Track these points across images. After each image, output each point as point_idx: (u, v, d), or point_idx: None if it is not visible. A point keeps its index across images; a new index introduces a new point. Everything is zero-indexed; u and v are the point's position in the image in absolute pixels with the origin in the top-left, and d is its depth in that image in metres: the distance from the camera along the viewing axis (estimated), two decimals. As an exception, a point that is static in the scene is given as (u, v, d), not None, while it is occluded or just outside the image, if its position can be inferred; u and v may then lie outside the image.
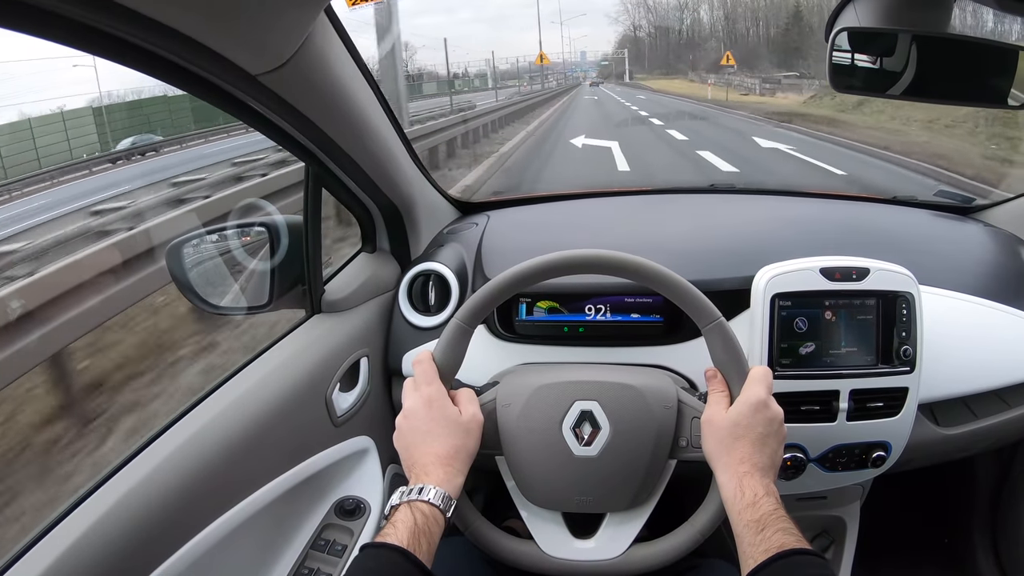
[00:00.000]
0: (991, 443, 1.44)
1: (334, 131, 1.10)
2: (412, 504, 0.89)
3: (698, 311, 1.02)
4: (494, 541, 1.03)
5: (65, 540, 0.82)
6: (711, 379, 1.03)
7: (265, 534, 1.12)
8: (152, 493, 0.91)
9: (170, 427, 1.01)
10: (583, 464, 1.01)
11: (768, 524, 0.86)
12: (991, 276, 1.42)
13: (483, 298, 1.05)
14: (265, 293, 1.27)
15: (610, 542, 1.04)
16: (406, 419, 1.00)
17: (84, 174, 13.31)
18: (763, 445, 0.94)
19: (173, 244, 1.26)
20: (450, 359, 1.03)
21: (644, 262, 1.03)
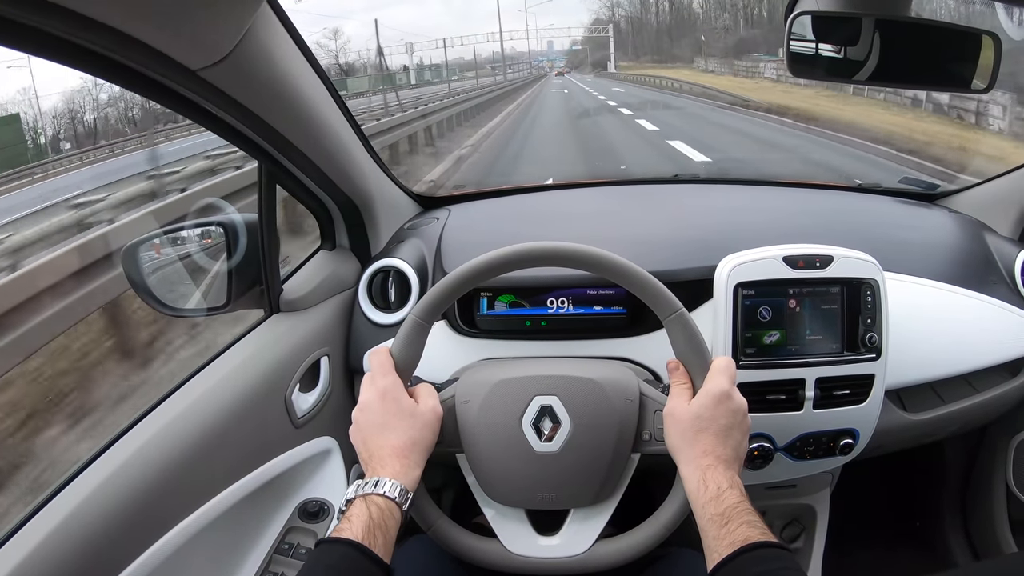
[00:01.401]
0: (959, 427, 1.45)
1: (283, 126, 1.08)
2: (367, 498, 0.87)
3: (659, 302, 1.01)
4: (457, 540, 1.02)
5: (18, 552, 0.80)
6: (673, 371, 1.02)
7: (228, 538, 1.11)
8: (110, 499, 0.89)
9: (126, 432, 0.99)
10: (544, 460, 0.99)
11: (732, 517, 0.85)
12: (956, 262, 1.42)
13: (440, 293, 1.03)
14: (223, 294, 1.25)
15: (575, 538, 1.02)
16: (361, 412, 0.98)
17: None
18: (726, 437, 0.93)
19: (129, 246, 1.23)
20: (408, 355, 1.01)
21: (603, 253, 1.02)
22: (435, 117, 14.22)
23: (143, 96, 0.89)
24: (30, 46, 0.70)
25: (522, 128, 16.18)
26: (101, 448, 0.96)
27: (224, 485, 1.06)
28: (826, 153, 9.71)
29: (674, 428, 0.96)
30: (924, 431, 1.36)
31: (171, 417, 1.02)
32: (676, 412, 0.96)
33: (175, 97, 0.92)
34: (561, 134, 14.52)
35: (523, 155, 12.07)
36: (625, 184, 1.87)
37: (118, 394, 3.99)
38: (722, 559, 0.82)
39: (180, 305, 1.28)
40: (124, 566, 0.88)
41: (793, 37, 1.05)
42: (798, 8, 1.05)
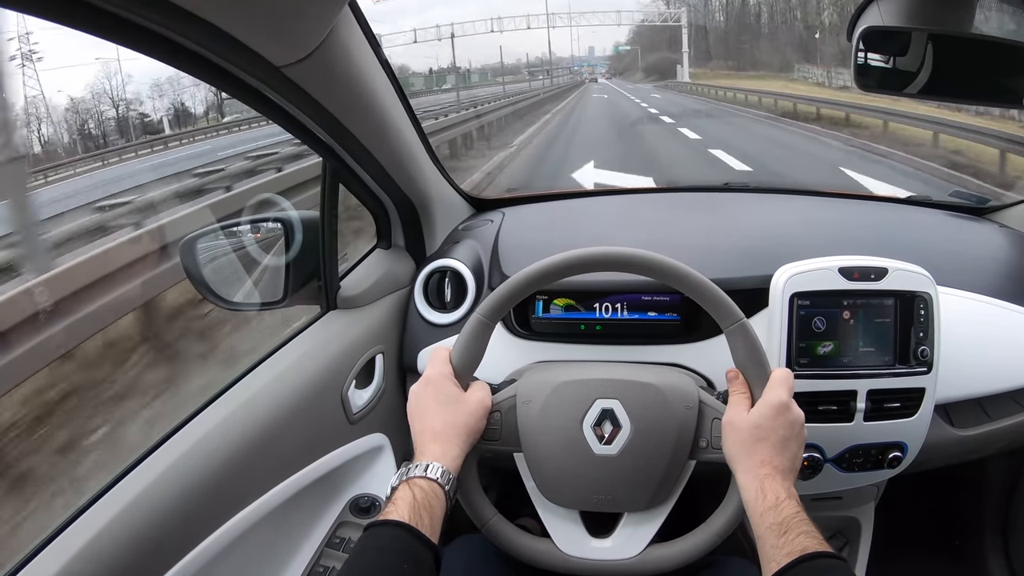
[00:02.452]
0: (1004, 444, 1.44)
1: (354, 125, 1.10)
2: (410, 481, 0.89)
3: (721, 311, 1.01)
4: (510, 539, 1.02)
5: (80, 539, 0.81)
6: (732, 380, 1.02)
7: (280, 532, 1.12)
8: (168, 491, 0.90)
9: (185, 424, 1.01)
10: (603, 463, 1.00)
11: (791, 527, 0.85)
12: (1006, 277, 1.41)
13: (505, 294, 1.04)
14: (280, 289, 1.26)
15: (627, 542, 1.03)
16: (410, 401, 1.01)
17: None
18: (784, 448, 0.94)
19: (187, 239, 1.25)
20: (469, 353, 1.03)
21: (666, 260, 1.02)
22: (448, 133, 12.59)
23: (221, 90, 0.91)
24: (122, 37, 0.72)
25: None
26: (158, 441, 0.98)
27: (279, 479, 1.08)
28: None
29: (733, 437, 0.97)
30: (970, 447, 1.35)
31: (228, 412, 1.04)
32: (735, 421, 0.97)
33: (253, 93, 0.94)
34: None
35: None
36: (676, 191, 1.87)
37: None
38: (780, 568, 0.82)
39: (235, 298, 1.29)
40: (180, 557, 0.89)
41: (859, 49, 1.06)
42: (861, 24, 1.06)
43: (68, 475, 3.11)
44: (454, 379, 1.00)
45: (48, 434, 3.38)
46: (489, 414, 1.01)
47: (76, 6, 0.65)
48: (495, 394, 1.05)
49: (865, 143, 11.47)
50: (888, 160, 9.91)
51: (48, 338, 3.45)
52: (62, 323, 3.56)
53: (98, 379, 3.87)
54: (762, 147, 11.78)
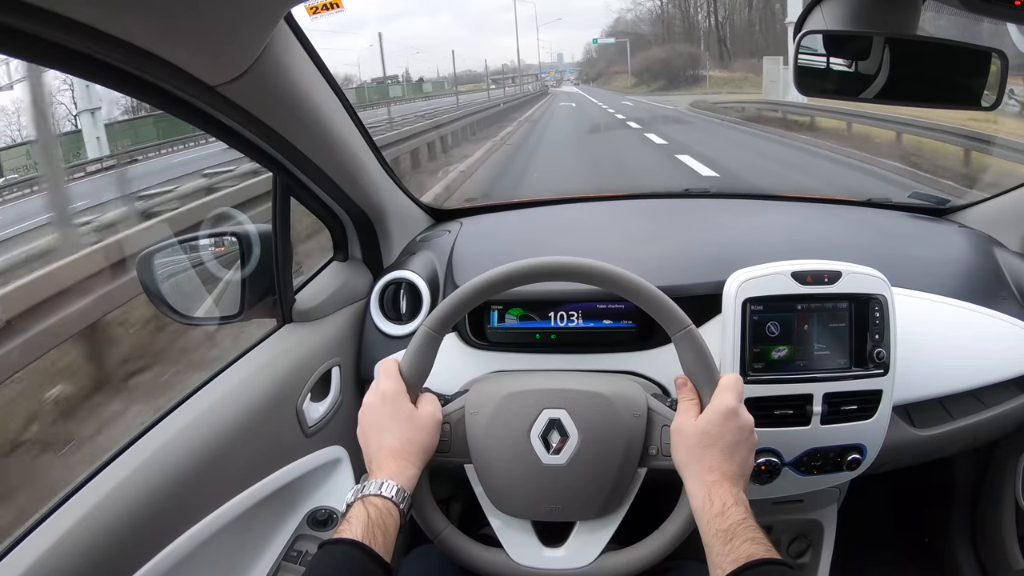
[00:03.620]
0: (968, 443, 1.45)
1: (298, 140, 1.09)
2: (365, 499, 0.89)
3: (668, 318, 1.02)
4: (463, 549, 1.02)
5: (27, 558, 0.81)
6: (681, 387, 1.02)
7: (237, 546, 1.12)
8: (120, 505, 0.90)
9: (137, 440, 1.00)
10: (552, 473, 1.00)
11: (737, 533, 0.86)
12: (966, 277, 1.42)
13: (451, 305, 1.05)
14: (236, 303, 1.26)
15: (580, 550, 1.03)
16: (363, 415, 1.01)
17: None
18: (732, 453, 0.94)
19: (144, 254, 1.25)
20: (417, 365, 1.03)
21: (612, 269, 1.03)
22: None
23: (159, 108, 0.91)
24: (54, 61, 0.72)
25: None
26: (113, 454, 0.97)
27: (234, 492, 1.07)
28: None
29: (681, 444, 0.97)
30: (933, 447, 1.36)
31: (183, 424, 1.04)
32: (683, 428, 0.97)
33: (193, 110, 0.93)
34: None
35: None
36: (636, 198, 1.87)
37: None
38: (726, 575, 0.82)
39: (193, 313, 1.29)
40: (133, 572, 0.89)
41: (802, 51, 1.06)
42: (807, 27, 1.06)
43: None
44: (407, 394, 1.01)
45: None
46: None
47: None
48: (445, 405, 1.05)
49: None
50: (852, 161, 10.08)
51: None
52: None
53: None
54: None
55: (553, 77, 52.61)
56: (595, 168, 11.62)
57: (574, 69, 56.82)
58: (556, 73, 53.76)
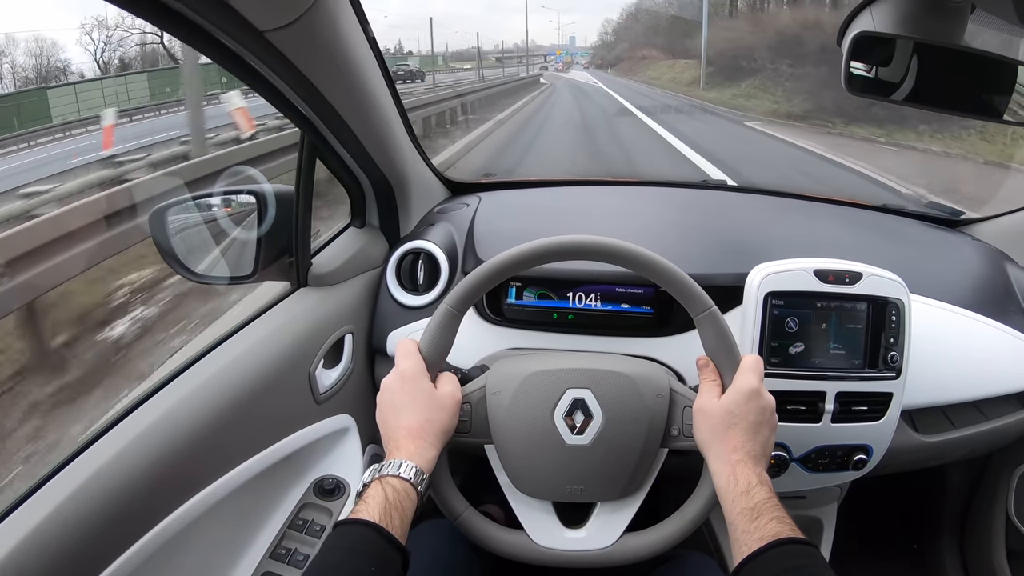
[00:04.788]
0: (965, 452, 1.47)
1: (335, 98, 1.07)
2: (383, 479, 0.88)
3: (691, 300, 1.02)
4: (483, 531, 1.01)
5: (33, 518, 0.78)
6: (703, 368, 1.03)
7: (242, 512, 1.09)
8: (128, 468, 0.87)
9: (148, 399, 0.97)
10: (575, 453, 0.99)
11: (762, 512, 0.86)
12: (976, 289, 1.43)
13: (474, 283, 1.03)
14: (250, 263, 1.23)
15: (601, 531, 1.03)
16: (382, 395, 0.99)
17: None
18: (755, 433, 0.95)
19: (157, 209, 1.21)
20: (437, 344, 1.01)
21: (639, 250, 1.02)
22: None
23: (204, 54, 0.88)
24: None
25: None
26: (123, 412, 0.94)
27: (244, 457, 1.05)
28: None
29: (704, 423, 0.97)
30: (933, 453, 1.38)
31: (196, 384, 1.01)
32: (707, 408, 0.98)
33: (237, 60, 0.92)
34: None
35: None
36: (653, 186, 1.87)
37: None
38: (751, 552, 0.83)
39: (205, 271, 1.26)
40: (141, 534, 0.87)
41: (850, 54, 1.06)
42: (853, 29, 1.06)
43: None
44: (427, 373, 0.99)
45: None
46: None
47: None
48: (464, 384, 1.04)
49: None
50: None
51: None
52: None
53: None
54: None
55: (560, 57, 45.83)
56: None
57: (586, 53, 52.58)
58: (566, 55, 46.26)
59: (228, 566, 1.07)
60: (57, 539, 0.78)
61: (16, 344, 3.90)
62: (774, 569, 0.81)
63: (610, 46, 48.33)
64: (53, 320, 4.07)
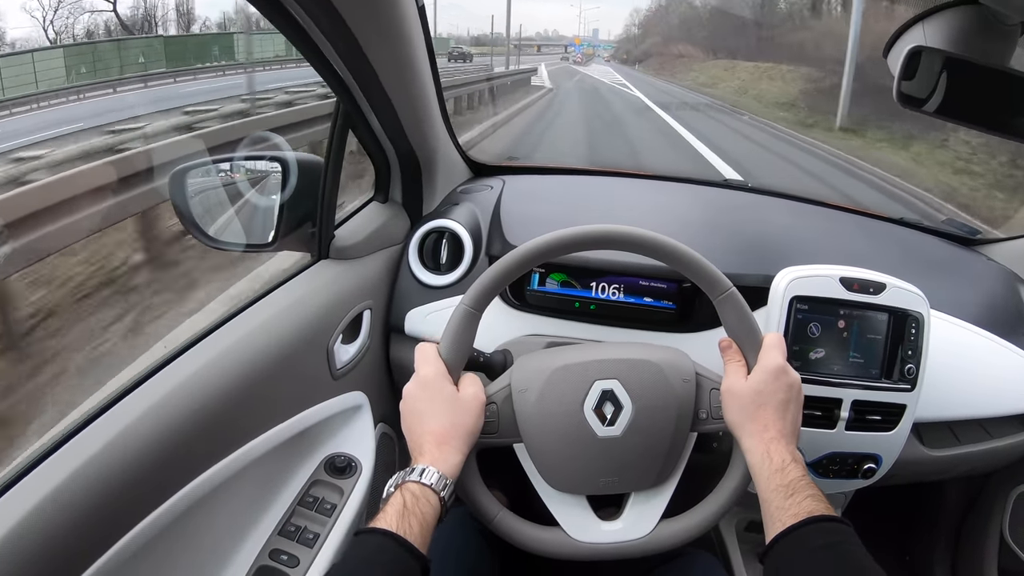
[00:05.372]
0: (967, 469, 1.48)
1: (379, 62, 1.05)
2: (403, 486, 0.86)
3: (710, 282, 1.01)
4: (519, 532, 1.00)
5: (48, 483, 0.74)
6: (726, 349, 1.03)
7: (254, 487, 1.06)
8: (141, 439, 0.84)
9: (165, 366, 0.94)
10: (607, 445, 0.98)
11: (798, 489, 0.87)
12: (989, 308, 1.45)
13: (491, 280, 1.01)
14: (270, 231, 1.20)
15: (638, 521, 1.02)
16: (404, 403, 0.97)
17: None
18: (785, 411, 0.95)
19: (177, 170, 1.18)
20: (457, 347, 0.99)
21: (654, 235, 1.01)
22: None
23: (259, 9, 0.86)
24: None
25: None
26: (137, 380, 0.91)
27: (259, 431, 1.02)
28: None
29: (734, 404, 0.97)
30: (937, 468, 1.39)
31: (215, 354, 0.98)
32: (735, 388, 0.98)
33: (287, 18, 0.90)
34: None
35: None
36: (675, 181, 1.86)
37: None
38: (786, 528, 0.83)
39: (222, 237, 1.23)
40: (151, 509, 0.84)
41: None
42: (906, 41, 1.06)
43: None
44: (448, 376, 0.97)
45: None
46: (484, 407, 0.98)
47: None
48: (485, 369, 1.04)
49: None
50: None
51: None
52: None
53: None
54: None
55: (580, 47, 40.10)
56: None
57: (609, 46, 49.06)
58: (587, 46, 40.48)
59: (237, 542, 1.04)
60: (69, 508, 0.75)
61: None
62: (810, 545, 0.82)
63: (635, 39, 44.70)
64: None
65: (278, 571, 1.03)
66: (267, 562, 1.04)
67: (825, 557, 0.81)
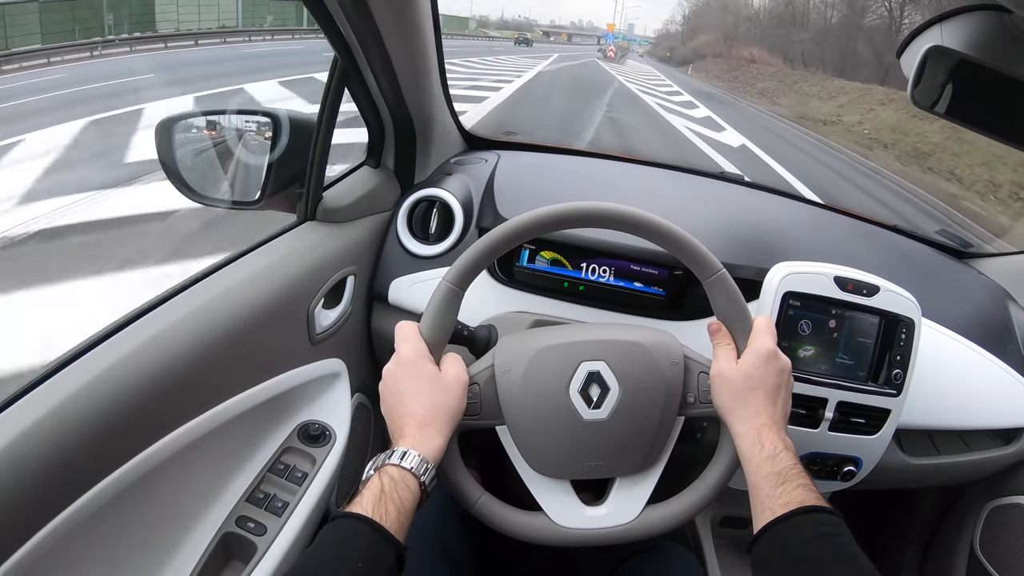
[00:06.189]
0: (944, 480, 1.48)
1: (385, 21, 1.02)
2: (381, 470, 0.83)
3: (701, 263, 0.99)
4: (501, 516, 0.97)
5: (1, 438, 0.71)
6: (715, 332, 1.01)
7: (223, 451, 1.02)
8: (108, 393, 0.80)
9: (138, 318, 0.90)
10: (593, 428, 0.95)
11: (789, 478, 0.85)
12: (979, 322, 1.44)
13: (473, 258, 0.97)
14: (256, 189, 1.18)
15: (623, 507, 0.99)
16: (384, 384, 0.93)
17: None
18: (776, 396, 0.94)
19: (163, 121, 1.15)
20: (440, 325, 0.96)
21: (646, 214, 0.98)
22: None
23: None
24: None
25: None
26: (108, 332, 0.87)
27: (233, 392, 0.99)
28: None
29: (725, 388, 0.95)
30: (915, 476, 1.39)
31: (189, 310, 0.94)
32: (725, 372, 0.96)
33: None
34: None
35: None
36: (672, 169, 1.84)
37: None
38: (776, 516, 0.82)
39: (207, 193, 1.19)
40: (116, 467, 0.80)
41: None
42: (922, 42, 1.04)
43: None
44: (430, 356, 0.94)
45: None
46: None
47: None
48: (472, 349, 1.00)
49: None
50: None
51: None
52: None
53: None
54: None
55: (612, 36, 35.19)
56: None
57: (646, 41, 46.42)
58: (620, 39, 35.99)
59: (204, 506, 1.01)
60: (22, 463, 0.71)
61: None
62: (802, 535, 0.81)
63: (677, 36, 39.09)
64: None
65: (244, 539, 1.00)
66: (233, 529, 1.01)
67: (816, 547, 0.80)
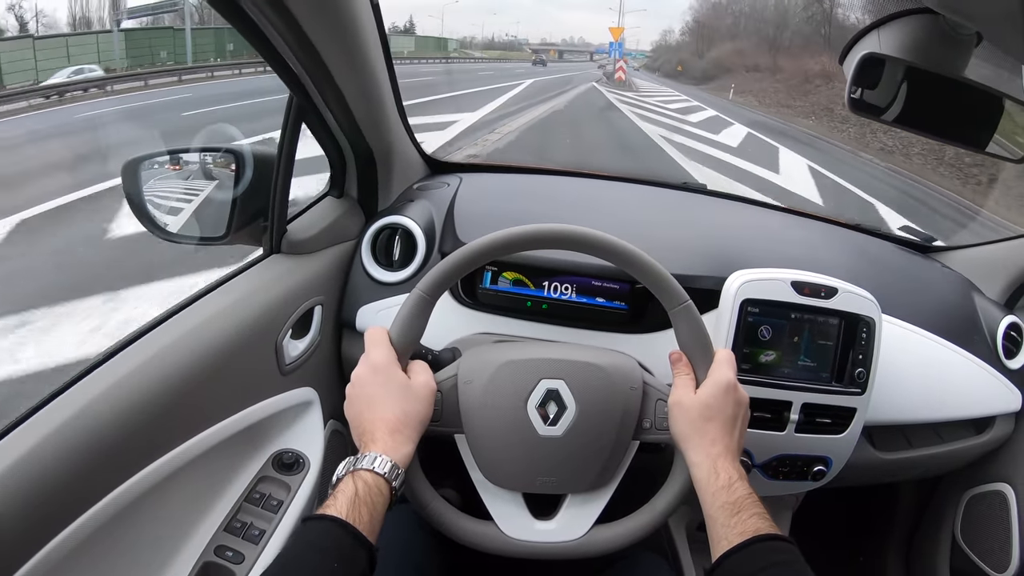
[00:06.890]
0: (920, 472, 1.50)
1: (330, 56, 1.04)
2: (355, 474, 0.85)
3: (667, 293, 1.01)
4: (452, 522, 0.99)
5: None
6: (676, 362, 1.02)
7: (199, 483, 1.05)
8: (82, 433, 0.82)
9: (107, 360, 0.93)
10: (548, 444, 0.98)
11: (744, 507, 0.87)
12: (944, 315, 1.46)
13: (447, 268, 1.00)
14: (223, 224, 1.20)
15: (571, 523, 1.02)
16: (353, 387, 0.95)
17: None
18: (732, 427, 0.95)
19: (130, 161, 1.18)
20: (409, 333, 0.98)
21: (615, 240, 1.01)
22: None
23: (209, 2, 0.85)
24: None
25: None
26: (83, 371, 0.90)
27: (205, 425, 1.01)
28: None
29: (682, 416, 0.97)
30: (888, 470, 1.41)
31: (161, 346, 0.97)
32: (684, 401, 0.97)
33: (236, 11, 0.89)
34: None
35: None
36: (635, 183, 1.85)
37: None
38: (732, 546, 0.83)
39: (175, 230, 1.22)
40: (92, 504, 0.82)
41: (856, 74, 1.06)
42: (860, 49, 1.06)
43: None
44: (398, 362, 0.96)
45: None
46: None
47: None
48: (433, 367, 1.02)
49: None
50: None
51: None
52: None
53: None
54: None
55: (619, 47, 32.87)
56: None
57: (642, 55, 44.50)
58: (619, 54, 33.59)
59: (183, 537, 1.03)
60: (10, 497, 0.73)
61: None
62: (758, 564, 0.82)
63: (685, 47, 36.81)
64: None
65: (223, 567, 1.02)
66: (212, 558, 1.03)
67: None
